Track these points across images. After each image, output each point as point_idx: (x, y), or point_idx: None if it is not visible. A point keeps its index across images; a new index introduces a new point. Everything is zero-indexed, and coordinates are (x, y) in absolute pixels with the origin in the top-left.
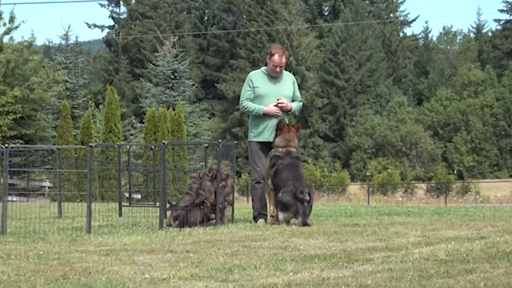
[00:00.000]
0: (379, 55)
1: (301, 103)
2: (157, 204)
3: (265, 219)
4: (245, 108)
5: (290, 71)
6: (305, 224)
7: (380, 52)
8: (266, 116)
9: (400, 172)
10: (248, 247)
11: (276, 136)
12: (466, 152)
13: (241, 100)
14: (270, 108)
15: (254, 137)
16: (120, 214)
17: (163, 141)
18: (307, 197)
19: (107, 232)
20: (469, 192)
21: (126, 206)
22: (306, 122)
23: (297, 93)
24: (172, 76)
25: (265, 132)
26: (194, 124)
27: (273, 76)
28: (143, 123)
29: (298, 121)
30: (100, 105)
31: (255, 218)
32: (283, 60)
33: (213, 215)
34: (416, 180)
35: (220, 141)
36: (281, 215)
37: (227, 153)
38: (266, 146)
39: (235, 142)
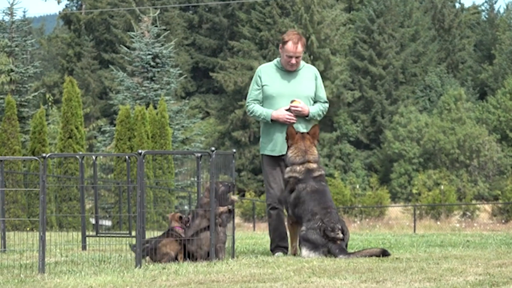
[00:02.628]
0: (427, 33)
1: (326, 105)
2: (133, 233)
3: (285, 253)
4: (251, 113)
5: (310, 56)
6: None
7: (429, 30)
8: (279, 123)
9: (456, 189)
10: None
11: (287, 148)
12: None
13: (247, 101)
14: (280, 113)
15: (265, 149)
16: (84, 247)
17: (141, 150)
18: (340, 235)
19: (67, 271)
20: None
21: (92, 236)
22: (332, 122)
23: (321, 92)
24: (152, 63)
25: (279, 144)
26: (183, 127)
27: (288, 71)
28: (114, 125)
29: (315, 125)
30: (56, 102)
31: (272, 251)
32: (299, 48)
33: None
34: (478, 199)
35: (213, 148)
36: (306, 254)
37: (226, 165)
38: (282, 161)
39: (234, 150)
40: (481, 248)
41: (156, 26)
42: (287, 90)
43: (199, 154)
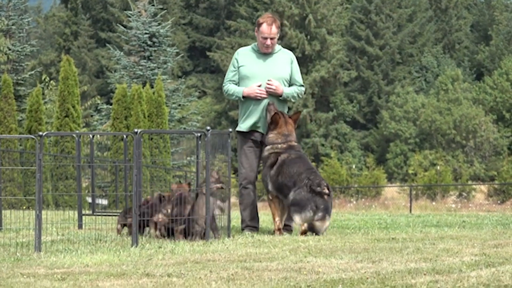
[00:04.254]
0: (424, 13)
1: (302, 89)
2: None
3: (255, 232)
4: (226, 92)
5: (306, 36)
6: (324, 218)
7: (426, 10)
8: (252, 100)
9: (452, 169)
10: (249, 270)
11: (269, 130)
12: None
13: (224, 82)
14: (251, 89)
15: (239, 126)
16: (80, 226)
17: (137, 129)
18: (326, 190)
19: (63, 250)
20: None
21: (88, 214)
22: (328, 102)
23: (297, 76)
24: (149, 42)
25: (252, 120)
26: (179, 106)
27: (265, 53)
28: (110, 104)
29: (297, 112)
30: (52, 81)
31: (243, 230)
32: (273, 30)
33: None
34: (475, 180)
35: (208, 128)
36: (297, 218)
37: (222, 145)
38: (254, 139)
39: (230, 130)
40: (477, 228)
41: (153, 5)
42: (262, 71)
43: (199, 134)
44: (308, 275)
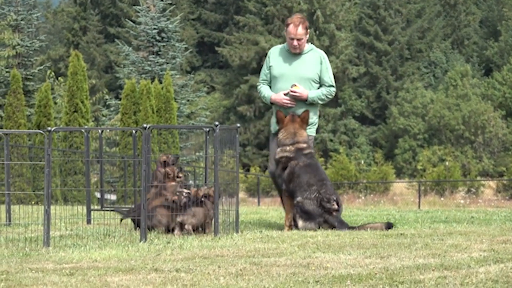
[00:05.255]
0: (433, 9)
1: (331, 89)
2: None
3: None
4: (259, 93)
5: (315, 31)
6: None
7: (435, 6)
8: (280, 106)
9: (461, 165)
10: (258, 265)
11: (278, 130)
12: None
13: (258, 81)
14: (278, 97)
15: (273, 128)
16: (89, 221)
17: (146, 124)
18: (336, 206)
19: (71, 245)
20: None
21: (96, 210)
22: (336, 98)
23: (326, 76)
24: (158, 38)
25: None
26: (188, 101)
27: (294, 53)
28: (119, 99)
29: (305, 110)
30: (61, 76)
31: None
32: (299, 30)
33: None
34: (483, 176)
35: (216, 123)
36: (301, 223)
37: (230, 140)
38: None
39: (238, 125)
40: (485, 224)
41: (162, 1)
42: (290, 71)
43: (208, 129)
44: (316, 270)
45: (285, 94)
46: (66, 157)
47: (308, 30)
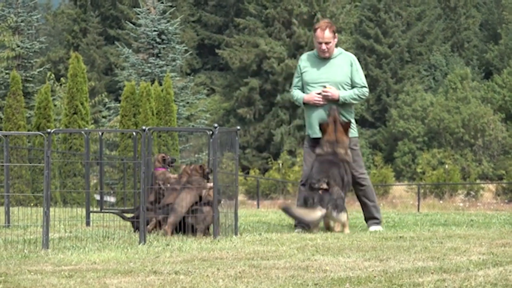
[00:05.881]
0: (433, 12)
1: (364, 90)
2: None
3: (305, 230)
4: (292, 97)
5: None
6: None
7: (435, 9)
8: (312, 106)
9: (461, 168)
10: (257, 267)
11: (321, 138)
12: None
13: (291, 87)
14: (310, 96)
15: (307, 131)
16: (88, 223)
17: (145, 126)
18: (324, 185)
19: (70, 247)
20: None
21: (96, 212)
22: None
23: (357, 78)
24: (158, 40)
25: (314, 126)
26: (187, 103)
27: (324, 58)
28: (119, 102)
29: (347, 122)
30: (61, 78)
31: (295, 227)
32: (326, 34)
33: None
34: (483, 179)
35: (216, 125)
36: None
37: (230, 142)
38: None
39: (238, 127)
40: (484, 227)
41: (162, 3)
42: (321, 76)
43: (211, 132)
44: (315, 273)
45: (317, 94)
46: (66, 159)
47: (336, 34)
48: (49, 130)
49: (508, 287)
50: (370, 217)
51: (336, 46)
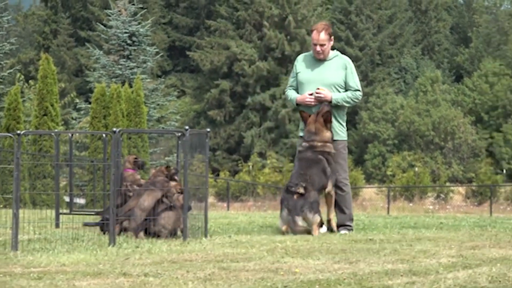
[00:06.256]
0: (404, 15)
1: (357, 93)
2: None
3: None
4: (286, 98)
5: (286, 36)
6: (294, 221)
7: (406, 12)
8: (305, 107)
9: (431, 171)
10: (226, 270)
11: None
12: None
13: (285, 88)
14: (303, 97)
15: (300, 132)
16: (57, 225)
17: (116, 128)
18: (301, 190)
19: (40, 249)
20: None
21: (65, 213)
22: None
23: (351, 81)
24: (129, 41)
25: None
26: (158, 105)
27: (319, 60)
28: (89, 103)
29: (327, 111)
30: (31, 80)
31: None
32: (322, 36)
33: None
34: (453, 182)
35: (187, 127)
36: (280, 216)
37: (201, 144)
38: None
39: (208, 130)
40: (454, 230)
41: (133, 4)
42: (315, 77)
43: (180, 133)
44: (285, 275)
45: (309, 95)
46: (35, 161)
47: (332, 37)
48: (18, 131)
49: None
50: (341, 225)
51: (333, 49)
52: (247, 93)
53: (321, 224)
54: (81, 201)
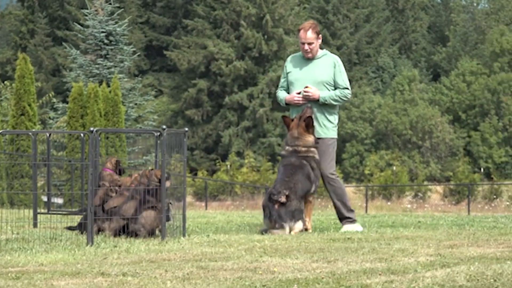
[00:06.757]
0: (381, 14)
1: (346, 92)
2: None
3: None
4: (277, 98)
5: (264, 36)
6: (282, 226)
7: (383, 11)
8: (295, 107)
9: (408, 170)
10: (205, 269)
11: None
12: (497, 144)
13: (277, 88)
14: (291, 96)
15: None
16: (35, 225)
17: (93, 128)
18: (282, 199)
19: (17, 249)
20: (500, 197)
21: (43, 213)
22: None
23: (339, 79)
24: (106, 41)
25: None
26: (136, 105)
27: (308, 59)
28: (66, 103)
29: (308, 116)
30: (8, 80)
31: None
32: (309, 35)
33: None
34: (430, 181)
35: (164, 127)
36: (264, 221)
37: (179, 144)
38: None
39: (186, 129)
40: (432, 229)
41: (110, 4)
42: (304, 76)
43: (158, 133)
44: (263, 274)
45: (297, 93)
46: (13, 160)
47: (320, 36)
48: None
49: None
50: (342, 217)
51: (322, 48)
52: (225, 93)
53: (304, 230)
54: (59, 200)
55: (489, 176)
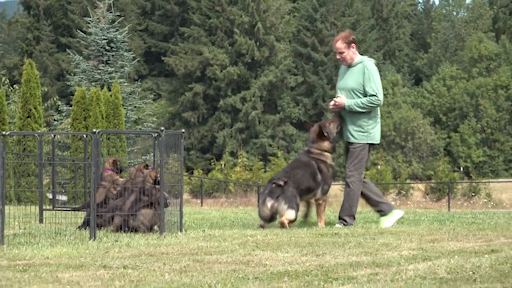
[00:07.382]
0: (367, 22)
1: (373, 98)
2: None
3: (344, 225)
4: None
5: (256, 42)
6: (265, 203)
7: (368, 19)
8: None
9: (392, 169)
10: (200, 262)
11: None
12: (475, 144)
13: None
14: (331, 103)
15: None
16: (41, 220)
17: (95, 129)
18: (280, 182)
19: (24, 243)
20: (478, 195)
21: (48, 209)
22: (275, 105)
23: (368, 86)
24: (107, 47)
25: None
26: (135, 107)
27: (348, 66)
28: (70, 106)
29: (327, 126)
30: (16, 84)
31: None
32: (338, 45)
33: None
34: (412, 179)
35: (162, 128)
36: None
37: (176, 144)
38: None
39: (183, 130)
40: (414, 224)
41: (111, 12)
42: (341, 83)
43: (156, 134)
44: (256, 267)
45: (333, 101)
46: (20, 160)
47: (353, 45)
48: (4, 132)
49: (436, 280)
50: (340, 217)
51: (362, 54)
52: (219, 96)
53: (293, 221)
54: (63, 197)
55: (468, 175)
